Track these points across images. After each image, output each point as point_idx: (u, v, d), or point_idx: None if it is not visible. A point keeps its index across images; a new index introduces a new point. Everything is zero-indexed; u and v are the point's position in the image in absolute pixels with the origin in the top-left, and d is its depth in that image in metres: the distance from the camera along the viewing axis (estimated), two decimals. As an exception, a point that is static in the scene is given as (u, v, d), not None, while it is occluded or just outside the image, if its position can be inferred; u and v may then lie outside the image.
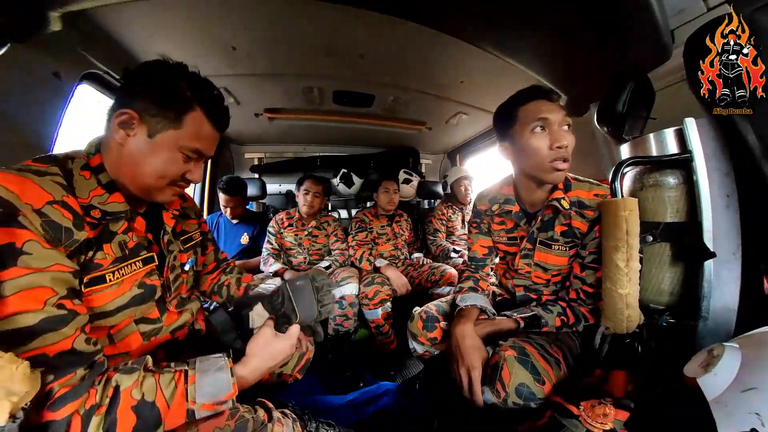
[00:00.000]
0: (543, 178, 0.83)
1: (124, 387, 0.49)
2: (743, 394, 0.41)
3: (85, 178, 0.54)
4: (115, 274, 0.55)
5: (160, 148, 0.56)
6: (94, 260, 0.53)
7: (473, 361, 0.78)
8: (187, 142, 0.57)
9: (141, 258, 0.60)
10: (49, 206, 0.47)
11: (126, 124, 0.55)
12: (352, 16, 1.10)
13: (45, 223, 0.45)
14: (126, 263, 0.57)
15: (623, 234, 0.68)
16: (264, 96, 1.81)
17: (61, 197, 0.49)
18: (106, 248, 0.54)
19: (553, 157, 0.78)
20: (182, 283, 0.73)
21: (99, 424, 0.45)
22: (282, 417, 0.64)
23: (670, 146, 0.77)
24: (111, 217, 0.55)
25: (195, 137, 0.58)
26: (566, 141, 0.77)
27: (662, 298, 0.77)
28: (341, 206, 2.83)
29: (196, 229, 0.83)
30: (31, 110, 0.95)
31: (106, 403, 0.47)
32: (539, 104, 0.80)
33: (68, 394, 0.44)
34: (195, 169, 0.62)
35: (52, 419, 0.43)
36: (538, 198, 0.90)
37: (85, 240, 0.51)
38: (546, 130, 0.79)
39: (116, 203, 0.57)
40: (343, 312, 1.55)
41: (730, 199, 0.70)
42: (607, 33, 0.93)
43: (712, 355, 0.47)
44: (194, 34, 1.23)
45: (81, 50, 1.07)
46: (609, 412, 0.53)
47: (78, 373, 0.46)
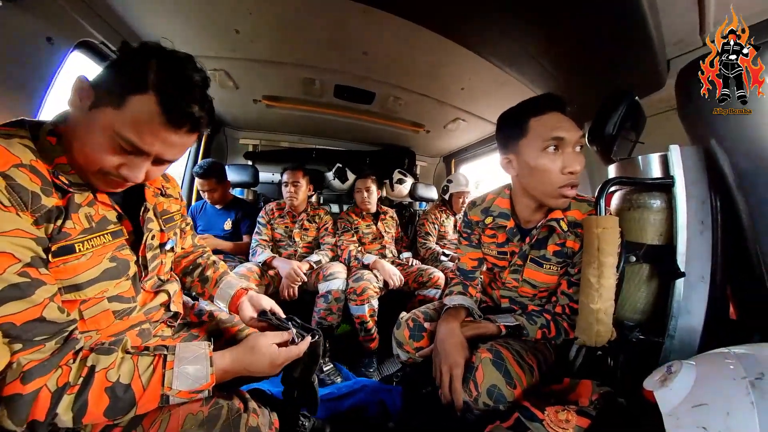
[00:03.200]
0: (546, 202, 0.78)
1: (99, 368, 0.48)
2: (694, 409, 0.43)
3: (51, 144, 0.52)
4: (85, 244, 0.53)
5: (93, 124, 0.49)
6: (63, 228, 0.50)
7: (456, 359, 0.78)
8: (122, 128, 0.48)
9: (109, 231, 0.58)
10: (15, 169, 0.44)
11: (78, 90, 0.50)
12: (359, 11, 1.10)
13: (10, 186, 0.43)
14: (94, 235, 0.55)
15: (595, 250, 0.69)
16: (264, 83, 1.79)
17: (29, 161, 0.47)
18: (74, 218, 0.52)
19: (563, 182, 0.72)
20: (160, 264, 0.71)
21: (69, 405, 0.44)
22: (258, 408, 0.64)
23: (654, 170, 0.81)
24: (75, 188, 0.53)
25: (132, 125, 0.48)
26: (579, 166, 0.71)
27: (636, 315, 0.80)
28: (333, 201, 2.82)
29: (177, 210, 0.81)
30: (18, 73, 0.92)
31: (79, 383, 0.46)
32: (555, 118, 0.72)
33: (38, 367, 0.43)
34: (131, 166, 0.52)
35: (18, 392, 0.41)
36: (535, 215, 0.87)
37: (55, 207, 0.49)
38: (559, 151, 0.72)
39: (77, 174, 0.54)
40: (327, 306, 1.55)
41: (704, 225, 0.74)
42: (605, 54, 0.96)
43: (670, 371, 0.49)
44: (197, 11, 1.20)
45: (77, 17, 1.04)
46: (571, 419, 0.55)
47: (48, 345, 0.45)
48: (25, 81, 0.94)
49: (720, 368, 0.47)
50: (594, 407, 0.59)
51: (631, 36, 0.83)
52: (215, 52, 1.44)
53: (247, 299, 0.81)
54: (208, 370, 0.54)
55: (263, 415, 0.63)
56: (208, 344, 0.58)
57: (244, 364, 0.61)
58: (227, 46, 1.41)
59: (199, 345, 0.58)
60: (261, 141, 2.61)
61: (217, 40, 1.36)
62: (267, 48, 1.43)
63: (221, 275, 0.88)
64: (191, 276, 0.89)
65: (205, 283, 0.87)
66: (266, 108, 2.04)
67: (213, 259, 0.93)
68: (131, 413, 0.49)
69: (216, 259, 0.94)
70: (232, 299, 0.82)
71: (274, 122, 2.35)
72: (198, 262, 0.91)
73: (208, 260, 0.92)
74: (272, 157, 2.61)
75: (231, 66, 1.58)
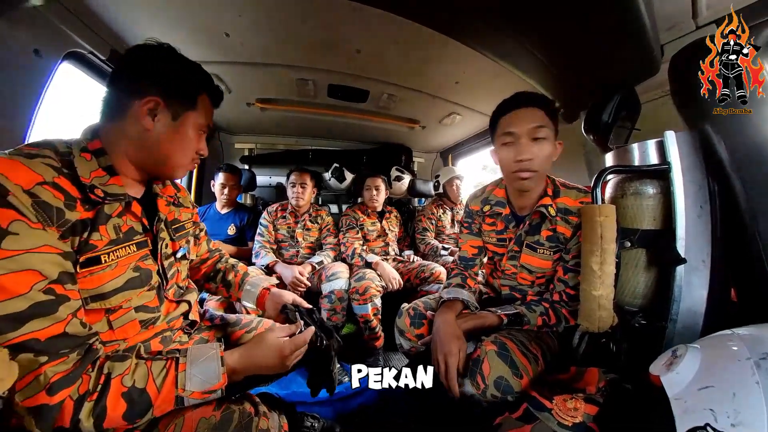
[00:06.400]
0: (511, 185, 0.92)
1: (115, 374, 0.49)
2: (700, 392, 0.44)
3: (86, 160, 0.55)
4: (110, 255, 0.55)
5: (183, 129, 0.63)
6: (90, 241, 0.53)
7: (450, 348, 0.80)
8: (202, 120, 0.66)
9: (135, 242, 0.61)
10: (39, 186, 0.46)
11: (152, 111, 0.59)
12: (351, 9, 1.09)
13: (35, 203, 0.45)
14: (120, 246, 0.58)
15: (598, 238, 0.71)
16: (256, 85, 1.77)
17: (51, 178, 0.49)
18: (101, 230, 0.55)
19: (516, 168, 0.84)
20: (177, 272, 0.73)
21: (90, 411, 0.46)
22: (268, 411, 0.65)
23: (651, 157, 0.81)
24: (111, 198, 0.56)
25: (205, 115, 0.66)
26: (529, 154, 0.81)
27: (636, 300, 0.81)
28: (332, 201, 2.81)
29: (189, 218, 0.83)
30: (8, 87, 0.91)
31: (97, 390, 0.47)
32: (512, 117, 0.85)
33: (64, 379, 0.45)
34: (203, 144, 0.69)
35: (45, 402, 0.44)
36: (526, 202, 0.94)
37: (80, 221, 0.51)
38: (513, 143, 0.84)
39: (116, 185, 0.58)
40: (332, 306, 1.55)
41: (703, 209, 0.75)
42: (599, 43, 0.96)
43: (675, 355, 0.50)
44: (186, 16, 1.19)
45: (64, 28, 1.02)
46: (579, 407, 0.56)
47: (71, 357, 0.47)
48: (15, 95, 0.93)
49: (724, 350, 0.48)
50: (601, 394, 0.60)
51: (624, 22, 0.83)
52: (205, 57, 1.42)
53: (271, 297, 0.87)
54: (220, 370, 0.56)
55: (273, 419, 0.65)
56: (219, 345, 0.60)
57: (253, 359, 0.62)
58: (218, 50, 1.39)
59: (210, 346, 0.59)
60: (257, 144, 2.59)
61: (207, 44, 1.35)
62: (258, 50, 1.41)
63: (242, 277, 0.92)
64: (214, 282, 0.92)
65: (229, 288, 0.91)
66: (260, 111, 2.03)
67: (232, 263, 0.96)
68: (148, 415, 0.51)
69: (235, 262, 0.96)
70: (258, 299, 0.87)
71: (269, 125, 2.33)
72: (218, 267, 0.94)
73: (227, 264, 0.95)
74: (269, 161, 2.59)
75: (222, 70, 1.56)
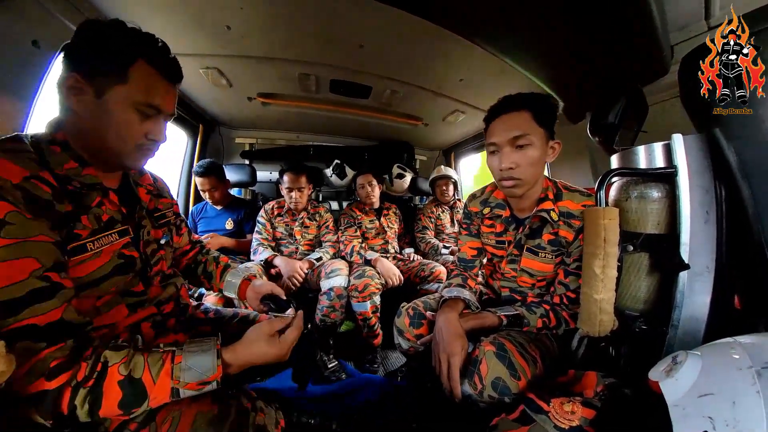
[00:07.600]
0: (501, 191, 0.93)
1: (112, 363, 0.50)
2: (700, 399, 0.43)
3: (56, 152, 0.55)
4: (95, 243, 0.57)
5: (112, 107, 0.54)
6: (74, 231, 0.54)
7: (454, 348, 0.80)
8: (140, 97, 0.55)
9: (116, 230, 0.62)
10: (27, 181, 0.48)
11: (74, 89, 0.53)
12: (353, 3, 1.07)
13: (25, 196, 0.47)
14: (103, 234, 0.59)
15: (601, 241, 0.70)
16: (258, 80, 1.75)
17: (37, 172, 0.50)
18: (83, 220, 0.56)
19: (499, 177, 0.86)
20: (161, 259, 0.74)
21: (85, 397, 0.47)
22: (264, 406, 0.65)
23: (657, 160, 0.80)
24: (88, 189, 0.57)
25: (146, 91, 0.56)
26: (510, 163, 0.81)
27: (638, 305, 0.80)
28: (332, 198, 2.81)
29: (169, 208, 0.84)
30: (6, 79, 0.90)
31: (93, 377, 0.48)
32: (495, 124, 0.85)
33: (62, 364, 0.46)
34: (156, 128, 0.60)
35: (45, 388, 0.45)
36: (524, 204, 0.93)
37: (66, 212, 0.52)
38: (497, 152, 0.85)
39: (90, 176, 0.58)
40: (330, 303, 1.55)
41: (709, 215, 0.73)
42: (609, 43, 0.94)
43: (675, 361, 0.49)
44: (187, 8, 1.17)
45: (63, 19, 1.01)
46: (576, 410, 0.56)
47: (68, 343, 0.48)
48: (14, 87, 0.92)
49: (725, 358, 0.47)
50: (599, 398, 0.60)
51: (634, 21, 0.81)
52: (206, 50, 1.41)
53: (251, 288, 0.87)
54: (216, 362, 0.56)
55: (269, 414, 0.65)
56: (215, 338, 0.60)
57: (251, 349, 0.62)
58: (219, 43, 1.37)
59: (207, 339, 0.60)
60: (257, 139, 2.58)
61: (208, 37, 1.33)
62: (260, 44, 1.39)
63: (223, 269, 0.92)
64: (195, 273, 0.92)
65: (211, 279, 0.92)
66: (261, 105, 2.01)
67: (213, 255, 0.97)
68: (144, 405, 0.51)
69: (216, 254, 0.97)
70: (240, 290, 0.88)
71: (270, 120, 2.31)
72: (198, 259, 0.94)
73: (208, 256, 0.96)
74: (269, 156, 2.58)
75: (223, 63, 1.54)
